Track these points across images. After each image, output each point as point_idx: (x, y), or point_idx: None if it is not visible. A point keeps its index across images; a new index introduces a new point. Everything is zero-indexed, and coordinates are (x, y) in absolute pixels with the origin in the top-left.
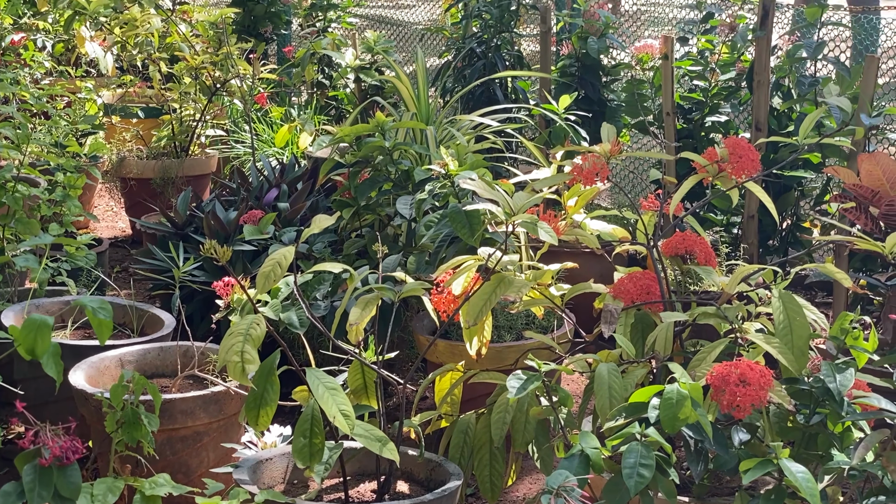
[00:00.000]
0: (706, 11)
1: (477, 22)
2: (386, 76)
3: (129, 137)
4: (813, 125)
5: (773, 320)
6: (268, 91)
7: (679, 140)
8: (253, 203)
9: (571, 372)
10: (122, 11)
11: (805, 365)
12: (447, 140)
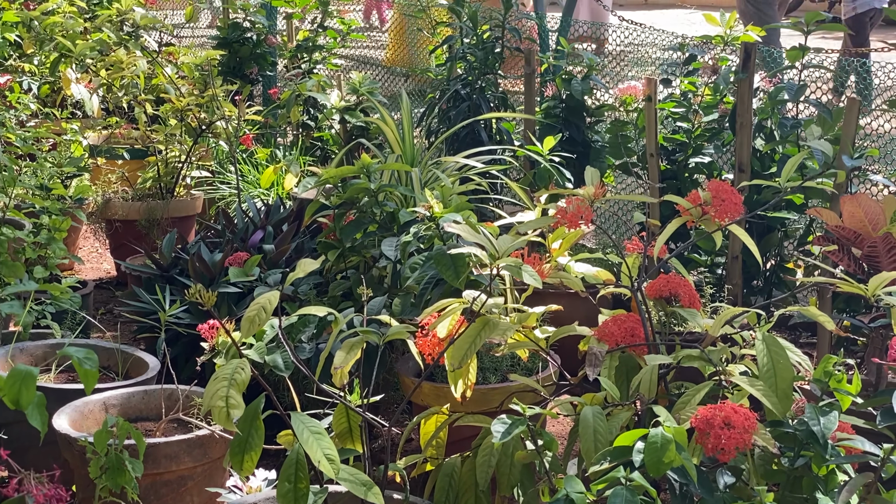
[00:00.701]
0: (689, 53)
1: (461, 64)
2: (371, 118)
3: (115, 179)
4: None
5: (757, 362)
6: (253, 132)
7: (663, 181)
8: (238, 245)
9: (556, 415)
10: (107, 54)
11: (789, 408)
12: (432, 181)
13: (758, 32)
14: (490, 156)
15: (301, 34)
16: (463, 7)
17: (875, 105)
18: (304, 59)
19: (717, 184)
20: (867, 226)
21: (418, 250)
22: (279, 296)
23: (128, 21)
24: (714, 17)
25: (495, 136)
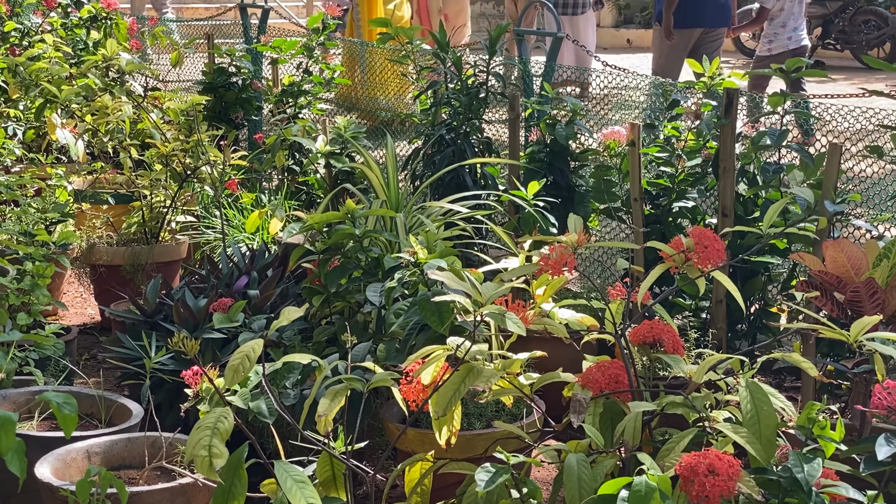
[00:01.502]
0: (672, 99)
1: (446, 109)
2: (356, 164)
3: (100, 224)
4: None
5: (741, 409)
6: (238, 177)
7: (647, 225)
8: (223, 290)
9: (540, 463)
10: (93, 99)
11: (773, 454)
12: (417, 227)
13: (740, 78)
14: (475, 200)
15: (286, 79)
16: (447, 53)
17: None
18: (290, 103)
19: (699, 231)
20: (850, 271)
21: (403, 296)
22: (263, 343)
23: (113, 67)
24: (697, 64)
25: (480, 180)
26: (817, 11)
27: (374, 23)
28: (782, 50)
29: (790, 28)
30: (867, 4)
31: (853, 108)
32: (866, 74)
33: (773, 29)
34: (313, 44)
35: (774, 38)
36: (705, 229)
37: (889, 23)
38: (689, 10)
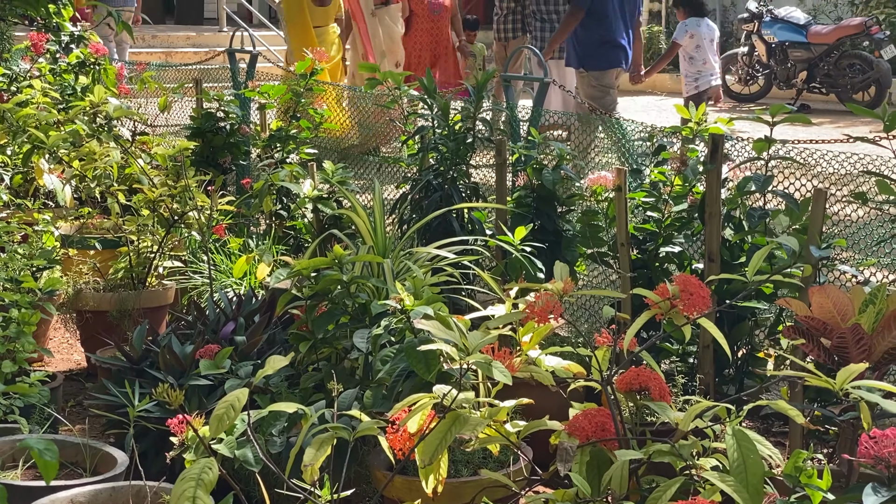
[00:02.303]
0: (658, 144)
1: (433, 154)
2: (344, 210)
3: (86, 270)
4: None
5: (728, 457)
6: (226, 222)
7: (634, 270)
8: (209, 337)
9: None
10: (80, 145)
11: (761, 503)
12: (404, 272)
13: (725, 123)
14: (462, 246)
15: (274, 123)
16: (434, 99)
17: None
18: (277, 148)
19: (684, 278)
20: (836, 317)
21: (390, 342)
22: (248, 392)
23: (101, 113)
24: (684, 108)
25: (467, 225)
26: (802, 55)
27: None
28: (707, 87)
29: (710, 65)
30: (852, 49)
31: (837, 153)
32: (852, 118)
33: (697, 67)
34: (301, 89)
35: (700, 77)
36: (690, 276)
37: (874, 67)
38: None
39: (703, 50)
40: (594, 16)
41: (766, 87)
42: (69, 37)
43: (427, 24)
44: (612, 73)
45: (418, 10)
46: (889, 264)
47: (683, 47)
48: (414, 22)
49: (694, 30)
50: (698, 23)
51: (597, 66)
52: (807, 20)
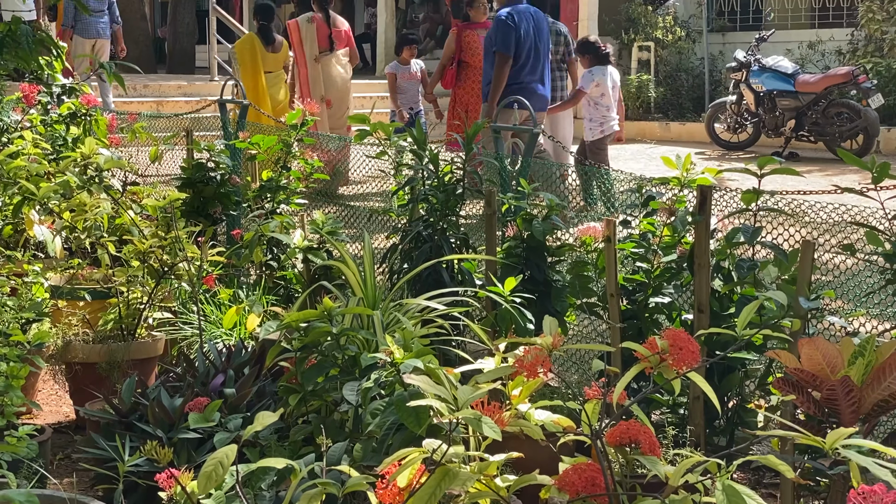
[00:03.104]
0: (647, 195)
1: (423, 205)
2: (334, 262)
3: (76, 321)
4: (754, 310)
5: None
6: (216, 272)
7: (624, 320)
8: (199, 389)
9: None
10: (71, 197)
11: None
12: (394, 324)
13: (714, 174)
14: (452, 297)
15: (265, 174)
16: (424, 150)
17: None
18: (268, 199)
19: (674, 332)
20: (825, 369)
21: (380, 395)
22: (236, 449)
23: (91, 165)
24: (671, 160)
25: (457, 275)
26: (791, 104)
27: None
28: (611, 132)
29: (613, 111)
30: (840, 97)
31: (825, 203)
32: (840, 166)
33: (602, 113)
34: (291, 140)
35: (604, 122)
36: (680, 331)
37: (861, 115)
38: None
39: (607, 97)
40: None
41: (755, 136)
42: (61, 88)
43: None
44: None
45: (472, 61)
46: (878, 314)
47: (589, 94)
48: (465, 73)
49: (599, 78)
50: (603, 71)
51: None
52: (794, 69)
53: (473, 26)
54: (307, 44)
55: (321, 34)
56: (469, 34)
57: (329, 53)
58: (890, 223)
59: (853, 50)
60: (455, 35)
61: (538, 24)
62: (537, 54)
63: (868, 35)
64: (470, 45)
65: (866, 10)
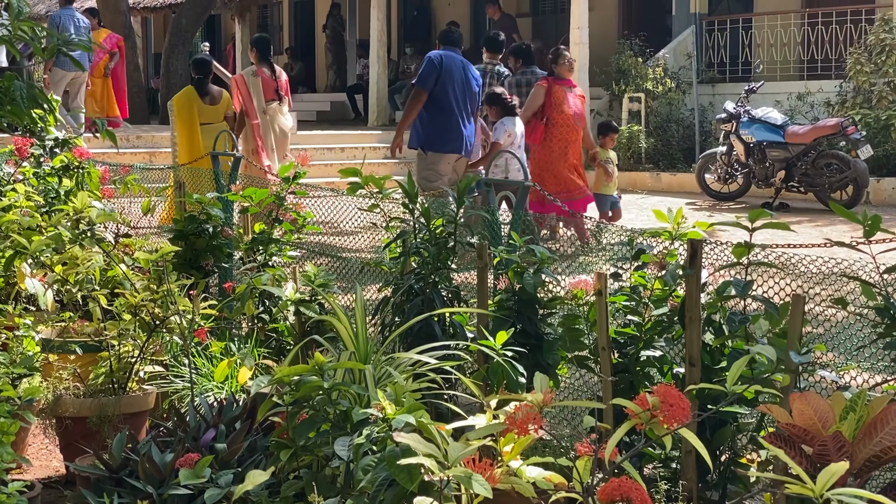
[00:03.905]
0: (637, 248)
1: (415, 258)
2: (326, 317)
3: (67, 375)
4: (744, 366)
5: None
6: (208, 325)
7: (615, 373)
8: (190, 444)
9: None
10: (63, 251)
11: None
12: (386, 378)
13: (705, 228)
14: (444, 351)
15: (257, 227)
16: (415, 204)
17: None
18: (260, 251)
19: (665, 389)
20: (817, 424)
21: (372, 451)
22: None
23: (84, 219)
24: (662, 213)
25: (448, 329)
26: (780, 155)
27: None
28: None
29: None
30: (829, 149)
31: (815, 257)
32: (830, 216)
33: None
34: (283, 193)
35: (509, 172)
36: (670, 388)
37: (851, 166)
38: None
39: (514, 147)
40: (437, 103)
41: (745, 186)
42: (53, 141)
43: (568, 133)
44: (449, 158)
45: (559, 119)
46: (869, 367)
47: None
48: (550, 129)
49: (510, 128)
50: (513, 121)
51: (437, 149)
52: (784, 120)
53: (561, 82)
54: (255, 96)
55: (267, 87)
56: (557, 90)
57: (275, 103)
58: (881, 277)
59: (842, 101)
60: (544, 90)
61: (467, 73)
62: (463, 99)
63: (856, 86)
64: (557, 101)
65: (854, 61)
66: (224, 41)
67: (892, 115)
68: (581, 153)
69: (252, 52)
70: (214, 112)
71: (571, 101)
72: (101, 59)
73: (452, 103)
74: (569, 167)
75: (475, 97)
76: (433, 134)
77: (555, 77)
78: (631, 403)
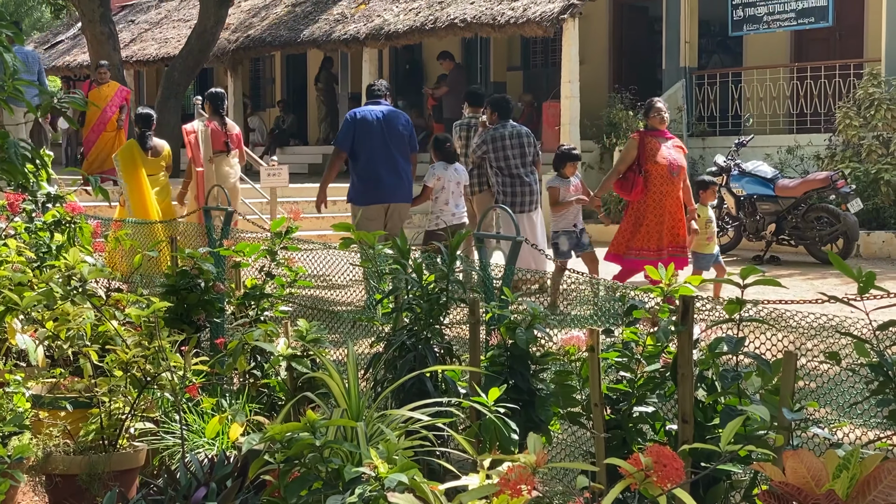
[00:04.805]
0: (629, 304)
1: (407, 314)
2: (318, 373)
3: (57, 432)
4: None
5: None
6: (199, 381)
7: (608, 430)
8: (181, 502)
9: None
10: (54, 307)
11: None
12: (378, 436)
13: (697, 284)
14: (436, 408)
15: (249, 282)
16: (408, 260)
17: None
18: (252, 306)
19: (658, 449)
20: (810, 482)
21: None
22: None
23: (76, 275)
24: (654, 270)
25: (441, 384)
26: (770, 208)
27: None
28: (445, 225)
29: (452, 205)
30: (819, 202)
31: (807, 313)
32: (821, 269)
33: (439, 206)
34: (276, 248)
35: (441, 214)
36: (664, 448)
37: (841, 220)
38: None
39: (445, 192)
40: (358, 159)
41: (736, 239)
42: (46, 196)
43: (663, 185)
44: (376, 209)
45: (654, 170)
46: (862, 424)
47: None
48: (648, 182)
49: (441, 173)
50: (445, 167)
51: (361, 202)
52: (774, 174)
53: (654, 133)
54: (203, 146)
55: (216, 138)
56: (651, 141)
57: (222, 154)
58: (874, 334)
59: (831, 155)
60: (637, 142)
61: (389, 122)
62: (385, 149)
63: (846, 140)
64: (651, 153)
65: (843, 115)
66: None
67: (881, 169)
68: (681, 207)
69: (207, 106)
70: (156, 164)
71: (667, 152)
72: (112, 112)
73: (372, 156)
74: (664, 222)
75: (403, 143)
76: (358, 188)
77: (647, 129)
78: (625, 463)
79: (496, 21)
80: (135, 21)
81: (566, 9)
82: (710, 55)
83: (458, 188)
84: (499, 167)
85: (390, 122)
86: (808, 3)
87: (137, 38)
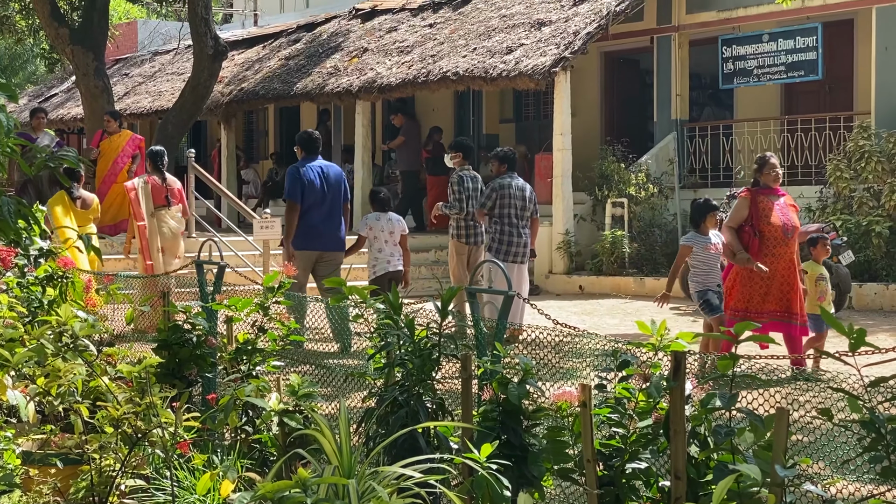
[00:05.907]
0: (622, 359)
1: (399, 369)
2: (309, 430)
3: (47, 489)
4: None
5: None
6: (191, 437)
7: (601, 486)
8: None
9: None
10: (45, 363)
11: None
12: (369, 493)
13: (689, 340)
14: (428, 464)
15: (241, 336)
16: (399, 315)
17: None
18: (244, 361)
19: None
20: None
21: None
22: None
23: (67, 332)
24: (646, 325)
25: (433, 440)
26: None
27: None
28: (384, 272)
29: (387, 254)
30: None
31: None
32: None
33: (374, 255)
34: (268, 303)
35: (377, 262)
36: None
37: (833, 272)
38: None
39: (379, 241)
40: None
41: None
42: (38, 251)
43: (776, 247)
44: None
45: (766, 230)
46: (855, 480)
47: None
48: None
49: (372, 223)
50: (378, 216)
51: (298, 247)
52: None
53: (765, 191)
54: (144, 201)
55: (157, 193)
56: (763, 200)
57: (163, 209)
58: (866, 390)
59: (822, 207)
60: (747, 201)
61: (327, 176)
62: (325, 201)
63: (837, 192)
64: (763, 212)
65: (834, 168)
66: (209, 146)
67: (872, 221)
68: (794, 271)
69: (148, 163)
70: (85, 216)
71: (780, 211)
72: (124, 163)
73: (311, 206)
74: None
75: (338, 195)
76: (298, 235)
77: (759, 186)
78: None
79: (488, 74)
80: (129, 74)
81: (558, 62)
82: (702, 108)
83: (392, 237)
84: (500, 215)
85: (327, 175)
86: (798, 57)
87: (131, 91)
